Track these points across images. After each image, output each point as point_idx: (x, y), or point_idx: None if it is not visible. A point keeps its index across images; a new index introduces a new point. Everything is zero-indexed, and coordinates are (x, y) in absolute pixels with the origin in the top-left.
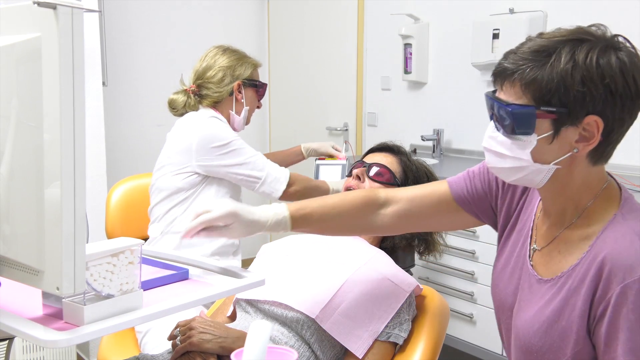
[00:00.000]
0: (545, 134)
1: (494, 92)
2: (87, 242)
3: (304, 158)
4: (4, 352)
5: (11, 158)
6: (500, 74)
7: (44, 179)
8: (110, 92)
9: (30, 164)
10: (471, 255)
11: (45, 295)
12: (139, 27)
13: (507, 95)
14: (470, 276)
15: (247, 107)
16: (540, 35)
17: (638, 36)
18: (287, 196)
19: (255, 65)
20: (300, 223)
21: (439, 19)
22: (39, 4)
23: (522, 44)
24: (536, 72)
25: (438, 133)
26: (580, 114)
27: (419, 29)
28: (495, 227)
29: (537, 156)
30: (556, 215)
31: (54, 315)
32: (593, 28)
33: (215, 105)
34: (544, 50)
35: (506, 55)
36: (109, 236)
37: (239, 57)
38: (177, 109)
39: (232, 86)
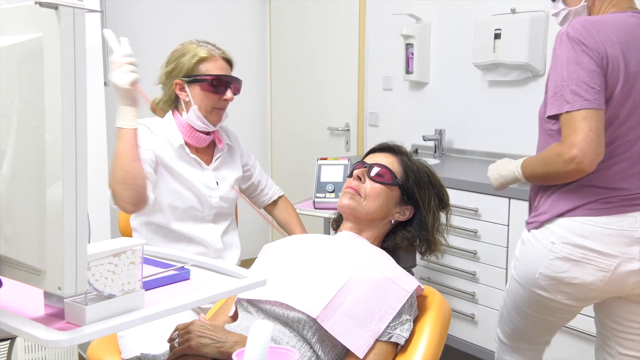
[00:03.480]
0: None
1: None
2: (89, 242)
3: None
4: (6, 352)
5: (13, 158)
6: None
7: (45, 179)
8: (111, 92)
9: (32, 164)
10: (472, 255)
11: (47, 295)
12: (140, 27)
13: None
14: (472, 276)
15: (196, 106)
16: None
17: None
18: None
19: (202, 58)
20: None
21: (441, 19)
22: (40, 4)
23: None
24: None
25: (440, 133)
26: None
27: (420, 29)
28: None
29: None
30: None
31: (56, 315)
32: None
33: (177, 107)
34: None
35: None
36: (123, 234)
37: (182, 52)
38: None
39: (172, 86)
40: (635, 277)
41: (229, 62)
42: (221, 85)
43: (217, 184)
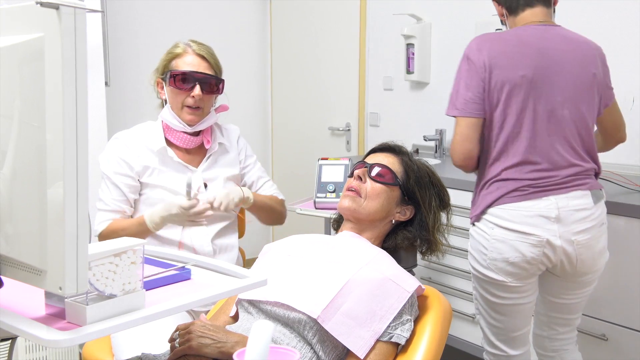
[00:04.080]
0: None
1: None
2: (90, 242)
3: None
4: (7, 351)
5: (14, 158)
6: None
7: (46, 179)
8: (112, 92)
9: (33, 164)
10: None
11: (48, 295)
12: (141, 27)
13: None
14: None
15: (169, 104)
16: None
17: (638, 36)
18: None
19: (175, 54)
20: None
21: (441, 19)
22: (41, 4)
23: None
24: None
25: (440, 133)
26: None
27: (421, 29)
28: None
29: None
30: None
31: (57, 315)
32: None
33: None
34: None
35: None
36: None
37: (165, 51)
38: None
39: (156, 86)
40: (561, 252)
41: (206, 59)
42: (188, 82)
43: (206, 185)
